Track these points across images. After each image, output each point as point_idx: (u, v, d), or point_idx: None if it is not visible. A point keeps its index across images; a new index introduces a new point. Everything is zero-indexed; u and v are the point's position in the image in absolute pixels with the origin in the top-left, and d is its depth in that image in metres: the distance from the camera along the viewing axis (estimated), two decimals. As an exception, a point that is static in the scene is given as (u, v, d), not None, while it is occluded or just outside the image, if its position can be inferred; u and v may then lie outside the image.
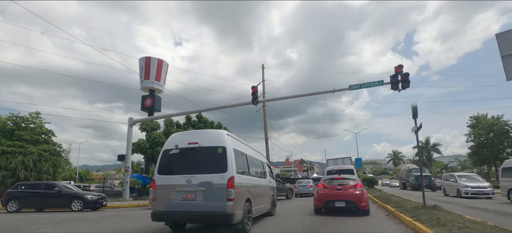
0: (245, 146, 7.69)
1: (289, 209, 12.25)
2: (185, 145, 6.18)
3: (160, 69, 40.25)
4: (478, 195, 16.93)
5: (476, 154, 37.78)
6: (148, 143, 23.23)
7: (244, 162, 7.06)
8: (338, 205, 8.86)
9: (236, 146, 6.69)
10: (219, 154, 5.87)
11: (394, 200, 12.63)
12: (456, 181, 18.36)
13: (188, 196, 5.69)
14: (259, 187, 7.97)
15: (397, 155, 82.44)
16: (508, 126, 34.88)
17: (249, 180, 6.97)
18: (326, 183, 9.82)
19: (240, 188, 6.03)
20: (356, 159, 39.01)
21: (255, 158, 8.50)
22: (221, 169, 5.72)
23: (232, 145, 6.29)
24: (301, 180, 24.35)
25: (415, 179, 29.39)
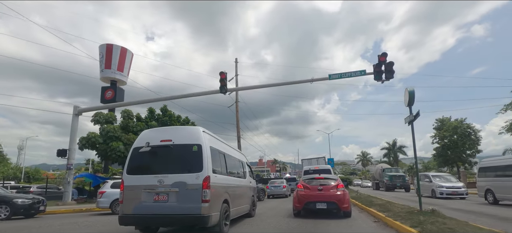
0: (223, 145, 7.33)
1: (266, 211, 11.36)
2: (158, 142, 5.82)
3: (123, 58, 36.44)
4: (452, 196, 16.57)
5: (441, 156, 39.17)
6: (102, 137, 20.17)
7: (222, 161, 6.75)
8: (320, 207, 8.27)
9: (213, 144, 6.34)
10: (194, 153, 5.55)
11: (376, 202, 11.43)
12: (431, 181, 17.94)
13: (160, 198, 5.37)
14: (238, 188, 7.74)
15: (365, 156, 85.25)
16: (470, 128, 36.52)
17: (227, 180, 6.68)
18: (306, 183, 9.12)
19: (217, 188, 5.79)
20: (329, 160, 38.91)
21: (234, 157, 8.19)
22: (196, 168, 5.42)
23: (209, 143, 5.95)
24: (274, 180, 22.78)
25: (389, 179, 28.77)
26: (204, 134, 6.00)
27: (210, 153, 5.80)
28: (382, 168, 32.74)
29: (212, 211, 5.44)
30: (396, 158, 63.61)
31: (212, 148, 6.09)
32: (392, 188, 28.24)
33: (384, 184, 29.86)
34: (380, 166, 35.00)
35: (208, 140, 5.98)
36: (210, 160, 5.67)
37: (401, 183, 28.00)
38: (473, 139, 36.24)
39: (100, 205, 12.10)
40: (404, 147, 65.06)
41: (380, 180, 32.60)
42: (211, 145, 6.04)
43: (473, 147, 36.36)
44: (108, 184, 12.70)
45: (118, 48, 34.16)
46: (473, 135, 36.37)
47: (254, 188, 10.08)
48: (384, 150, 66.73)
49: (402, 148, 64.83)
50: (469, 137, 36.28)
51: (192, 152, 5.58)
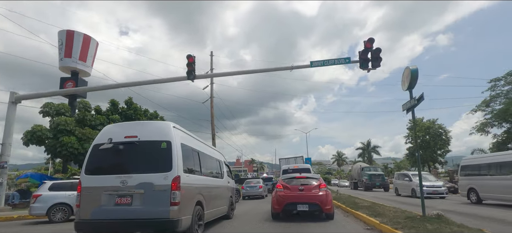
0: (197, 142, 6.85)
1: (242, 213, 10.59)
2: (121, 138, 5.35)
3: (86, 46, 32.76)
4: (433, 195, 16.06)
5: (414, 155, 39.97)
6: (51, 131, 17.38)
7: (196, 160, 6.35)
8: (301, 209, 7.57)
9: (186, 141, 5.93)
10: (162, 150, 5.13)
11: (362, 204, 10.27)
12: (411, 180, 17.39)
13: (122, 201, 4.90)
14: (214, 188, 7.37)
15: (341, 156, 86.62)
16: (442, 129, 37.57)
17: (201, 181, 6.30)
18: (286, 182, 8.30)
19: (189, 189, 5.41)
20: (306, 159, 38.33)
21: (210, 156, 7.73)
22: (164, 167, 4.99)
23: (180, 139, 5.55)
24: (250, 180, 21.20)
25: (369, 178, 27.78)
26: (175, 130, 5.51)
27: (181, 151, 5.34)
28: (361, 167, 31.71)
29: (183, 214, 4.99)
30: (370, 158, 64.99)
31: (184, 146, 5.63)
32: (371, 187, 27.49)
33: (363, 183, 29.02)
34: (359, 165, 33.91)
35: (179, 137, 5.52)
36: (180, 159, 5.20)
37: (380, 182, 27.24)
38: (444, 139, 37.34)
39: (33, 212, 9.78)
40: (377, 147, 66.99)
41: (358, 179, 31.68)
42: (182, 142, 5.57)
43: (444, 147, 37.46)
44: (45, 185, 10.38)
45: (80, 35, 30.66)
46: (444, 135, 37.47)
47: (232, 189, 9.63)
48: (359, 150, 67.98)
49: (376, 148, 66.60)
50: (440, 137, 37.31)
51: (161, 150, 5.11)
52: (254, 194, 19.56)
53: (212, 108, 29.14)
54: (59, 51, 29.45)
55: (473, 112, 28.48)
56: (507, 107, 23.39)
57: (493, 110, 25.53)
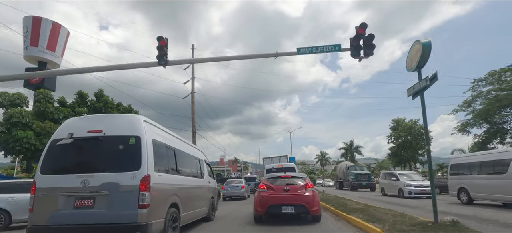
0: (173, 139, 6.43)
1: (224, 214, 10.07)
2: (84, 133, 4.83)
3: (55, 35, 29.85)
4: (420, 195, 15.52)
5: (396, 155, 40.36)
6: (3, 124, 15.24)
7: (171, 157, 5.86)
8: (286, 211, 7.01)
9: (159, 137, 5.42)
10: (130, 146, 4.66)
11: (354, 206, 9.30)
12: (398, 179, 16.82)
13: (83, 203, 4.45)
14: (193, 189, 7.06)
15: (324, 156, 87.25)
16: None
17: (176, 181, 5.84)
18: (270, 182, 7.68)
19: (161, 190, 4.93)
20: (290, 159, 37.70)
21: (189, 154, 7.32)
22: (132, 165, 4.52)
23: (152, 135, 5.07)
24: (231, 180, 19.87)
25: (355, 177, 26.72)
26: (146, 124, 5.05)
27: (153, 148, 4.94)
28: (347, 166, 30.57)
29: (153, 217, 4.59)
30: (353, 157, 65.58)
31: (156, 142, 5.21)
32: (357, 187, 26.55)
33: (348, 183, 28.02)
34: (344, 164, 32.71)
35: (150, 132, 5.08)
36: (151, 156, 4.80)
37: (366, 182, 26.32)
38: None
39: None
40: (360, 147, 67.83)
41: (344, 179, 30.65)
42: (154, 138, 5.15)
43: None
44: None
45: (49, 22, 27.90)
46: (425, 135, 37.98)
47: (214, 189, 9.26)
48: (342, 150, 68.48)
49: (358, 148, 67.36)
50: (422, 137, 37.76)
51: (128, 146, 4.70)
52: (236, 195, 18.29)
53: (193, 104, 27.67)
54: (24, 39, 26.65)
55: (454, 113, 28.80)
56: (488, 107, 23.60)
57: (474, 110, 25.79)
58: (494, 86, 24.27)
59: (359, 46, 10.03)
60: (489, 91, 24.63)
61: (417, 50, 5.39)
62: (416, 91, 5.54)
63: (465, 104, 25.60)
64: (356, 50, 10.08)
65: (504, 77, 23.43)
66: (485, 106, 24.05)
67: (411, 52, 5.66)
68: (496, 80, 23.90)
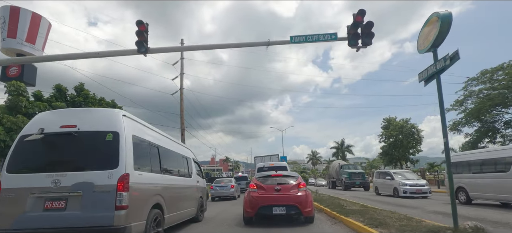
0: (156, 135, 6.00)
1: (210, 217, 9.41)
2: (56, 128, 4.51)
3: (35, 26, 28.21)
4: (416, 194, 15.05)
5: (387, 154, 40.28)
6: (-32, 118, 13.88)
7: (154, 155, 5.53)
8: (277, 212, 6.70)
9: (140, 133, 5.08)
10: (107, 143, 4.37)
11: (351, 208, 8.60)
12: (393, 178, 16.31)
13: (54, 205, 4.12)
14: (180, 189, 6.71)
15: (315, 155, 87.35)
16: (414, 128, 38.10)
17: (160, 180, 5.50)
18: (261, 182, 7.31)
19: (142, 190, 4.67)
20: (282, 158, 37.13)
21: (174, 152, 6.93)
22: (109, 164, 4.24)
23: (132, 130, 4.75)
24: (220, 179, 18.95)
25: (348, 177, 25.70)
26: (125, 119, 4.74)
27: (133, 145, 4.62)
28: (340, 165, 29.47)
29: (133, 220, 4.25)
30: (344, 157, 65.68)
31: (137, 138, 4.91)
32: (351, 186, 25.63)
33: (342, 182, 26.97)
34: (338, 163, 31.66)
35: (130, 127, 4.77)
36: (131, 153, 4.47)
37: (360, 181, 25.33)
38: (416, 138, 37.90)
39: None
40: (351, 146, 68.00)
41: (337, 178, 29.63)
42: (135, 134, 4.85)
43: (416, 146, 38.00)
44: None
45: (28, 13, 26.09)
46: (416, 134, 38.03)
47: (202, 189, 9.03)
48: (333, 149, 68.52)
49: (349, 147, 67.52)
50: (413, 136, 37.82)
51: (105, 143, 4.37)
52: (225, 195, 17.40)
53: (182, 101, 26.75)
54: (0, 30, 25.12)
55: (446, 112, 28.74)
56: (479, 106, 23.50)
57: (466, 109, 25.71)
58: (486, 85, 24.25)
59: (357, 35, 9.29)
60: (480, 90, 24.61)
61: (433, 25, 4.60)
62: (431, 74, 4.76)
63: (457, 103, 25.48)
64: (354, 39, 9.34)
65: (496, 76, 23.39)
66: (477, 105, 23.98)
67: (424, 29, 4.87)
68: (488, 79, 23.85)
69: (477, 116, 23.55)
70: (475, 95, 24.99)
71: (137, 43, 8.80)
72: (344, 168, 27.85)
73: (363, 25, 9.25)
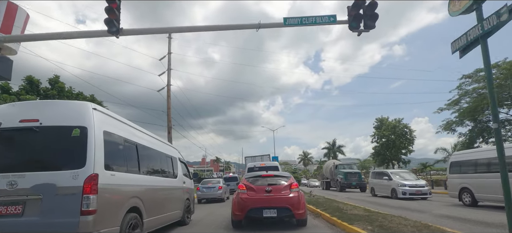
0: (135, 132, 5.57)
1: (197, 220, 8.98)
2: (15, 123, 4.08)
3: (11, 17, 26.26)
4: (415, 196, 14.22)
5: (379, 154, 39.79)
6: None
7: (131, 154, 5.13)
8: (268, 215, 6.29)
9: (114, 129, 4.65)
10: (74, 139, 3.94)
11: (353, 212, 7.57)
12: (390, 179, 15.46)
13: (9, 210, 3.68)
14: (163, 190, 6.33)
15: (307, 156, 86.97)
16: (407, 128, 37.73)
17: (138, 181, 5.09)
18: (250, 182, 6.96)
19: (114, 193, 4.27)
20: (273, 158, 36.27)
21: (157, 151, 6.51)
22: (74, 163, 3.81)
23: (103, 126, 4.32)
24: (208, 180, 17.66)
25: (344, 177, 24.18)
26: (96, 112, 4.24)
27: (104, 141, 4.17)
28: (335, 165, 27.67)
29: (102, 226, 3.86)
30: (335, 157, 65.24)
31: (110, 135, 4.42)
32: (347, 187, 24.13)
33: (337, 183, 25.35)
34: (332, 162, 29.78)
35: (101, 122, 4.27)
36: (101, 151, 4.05)
37: (357, 182, 23.87)
38: (409, 138, 37.53)
39: None
40: (342, 146, 67.70)
41: (331, 178, 28.04)
42: (107, 130, 4.35)
43: (409, 146, 37.63)
44: None
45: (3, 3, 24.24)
46: (408, 134, 37.66)
47: (189, 190, 8.65)
48: (324, 149, 68.08)
49: (341, 148, 67.22)
50: (405, 136, 37.43)
51: (71, 139, 3.91)
52: (212, 197, 16.16)
53: (169, 98, 25.41)
54: (-29, 19, 23.12)
55: (439, 111, 28.33)
56: (475, 104, 23.05)
57: (460, 108, 25.30)
58: (480, 84, 23.88)
59: (358, 16, 8.24)
60: (474, 89, 24.22)
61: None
62: (474, 38, 3.64)
63: (453, 102, 25.03)
64: (355, 21, 8.29)
65: (490, 74, 23.03)
66: (472, 103, 23.53)
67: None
68: (482, 77, 23.46)
69: (472, 115, 23.08)
70: (470, 94, 24.58)
71: (107, 22, 7.47)
72: (339, 168, 26.34)
73: (365, 6, 8.28)
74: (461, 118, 24.80)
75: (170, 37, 26.58)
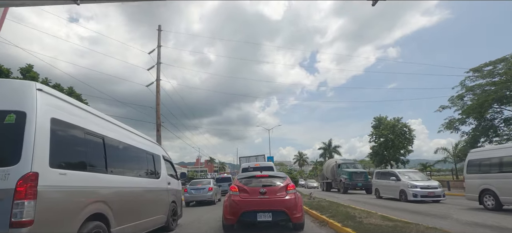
0: (101, 122, 4.67)
1: (185, 225, 8.18)
2: None
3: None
4: (428, 198, 12.85)
5: (378, 154, 38.63)
6: None
7: (95, 149, 4.33)
8: (262, 219, 5.78)
9: (67, 116, 3.76)
10: (7, 128, 3.15)
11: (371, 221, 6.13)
12: (399, 179, 14.07)
13: None
14: (139, 193, 5.39)
15: (302, 156, 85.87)
16: (406, 127, 36.64)
17: (104, 182, 4.30)
18: (243, 183, 6.39)
19: (66, 197, 3.46)
20: (268, 158, 34.86)
21: (132, 146, 5.60)
22: (7, 158, 3.03)
23: (50, 112, 3.46)
24: (197, 181, 16.03)
25: (349, 177, 21.38)
26: (41, 94, 3.38)
27: (51, 132, 3.35)
28: (337, 163, 24.46)
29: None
30: (331, 158, 64.26)
31: (60, 123, 3.56)
32: (352, 188, 21.54)
33: (340, 183, 22.67)
34: (334, 161, 26.30)
35: (48, 107, 3.43)
36: (45, 144, 3.24)
37: (363, 183, 21.02)
38: (408, 138, 36.44)
39: None
40: (338, 147, 66.58)
41: (333, 179, 25.28)
42: (56, 117, 3.51)
43: (408, 146, 36.53)
44: None
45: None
46: (408, 134, 36.57)
47: (176, 192, 7.64)
48: (320, 150, 66.96)
49: (337, 148, 66.12)
50: (404, 136, 36.33)
51: (3, 127, 3.12)
52: (201, 199, 14.59)
53: (158, 93, 23.81)
54: None
55: (441, 110, 27.24)
56: (481, 100, 21.91)
57: (464, 105, 24.19)
58: (485, 80, 22.83)
59: (376, -16, 6.87)
60: (479, 85, 23.15)
61: None
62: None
63: (458, 97, 23.88)
64: (372, -10, 6.92)
65: (497, 69, 21.97)
66: (478, 99, 22.39)
67: None
68: (488, 72, 22.41)
69: (479, 111, 21.90)
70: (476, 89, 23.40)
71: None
72: (342, 167, 23.37)
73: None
74: (466, 115, 23.64)
75: (160, 30, 25.13)
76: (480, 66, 23.05)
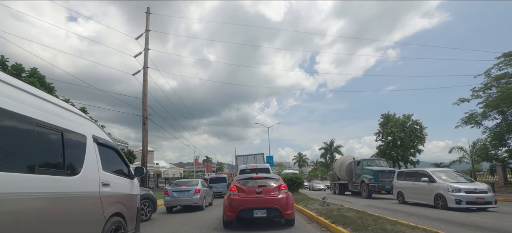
0: None
1: (179, 225, 7.77)
2: None
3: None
4: (474, 205, 10.02)
5: (384, 154, 35.87)
6: None
7: None
8: (258, 215, 6.58)
9: None
10: None
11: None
12: (433, 180, 11.23)
13: None
14: (14, 206, 2.52)
15: (302, 157, 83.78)
16: (418, 124, 33.91)
17: None
18: (242, 184, 7.18)
19: None
20: (268, 157, 32.21)
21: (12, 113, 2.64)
22: None
23: None
24: (182, 181, 12.96)
25: (374, 177, 17.19)
26: None
27: None
28: (356, 161, 20.18)
29: None
30: (332, 158, 61.74)
31: None
32: (379, 191, 16.99)
33: (361, 185, 18.37)
34: (352, 158, 21.69)
35: None
36: None
37: (391, 184, 15.32)
38: (420, 136, 33.69)
39: None
40: (340, 147, 64.16)
41: (349, 180, 21.18)
42: None
43: (420, 144, 33.77)
44: None
45: None
46: (419, 131, 33.83)
47: (122, 197, 4.78)
48: (321, 150, 64.56)
49: (338, 148, 63.72)
50: (415, 134, 33.60)
51: None
52: (185, 204, 11.69)
53: (146, 82, 21.25)
54: None
55: (459, 103, 24.49)
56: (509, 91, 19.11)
57: (489, 96, 21.42)
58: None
59: None
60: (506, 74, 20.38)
61: None
62: None
63: (486, 87, 21.08)
64: None
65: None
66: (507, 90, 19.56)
67: None
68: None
69: (510, 102, 18.99)
70: (508, 76, 20.51)
71: None
72: (364, 165, 19.00)
73: None
74: (493, 108, 20.79)
75: (148, 13, 22.48)
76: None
